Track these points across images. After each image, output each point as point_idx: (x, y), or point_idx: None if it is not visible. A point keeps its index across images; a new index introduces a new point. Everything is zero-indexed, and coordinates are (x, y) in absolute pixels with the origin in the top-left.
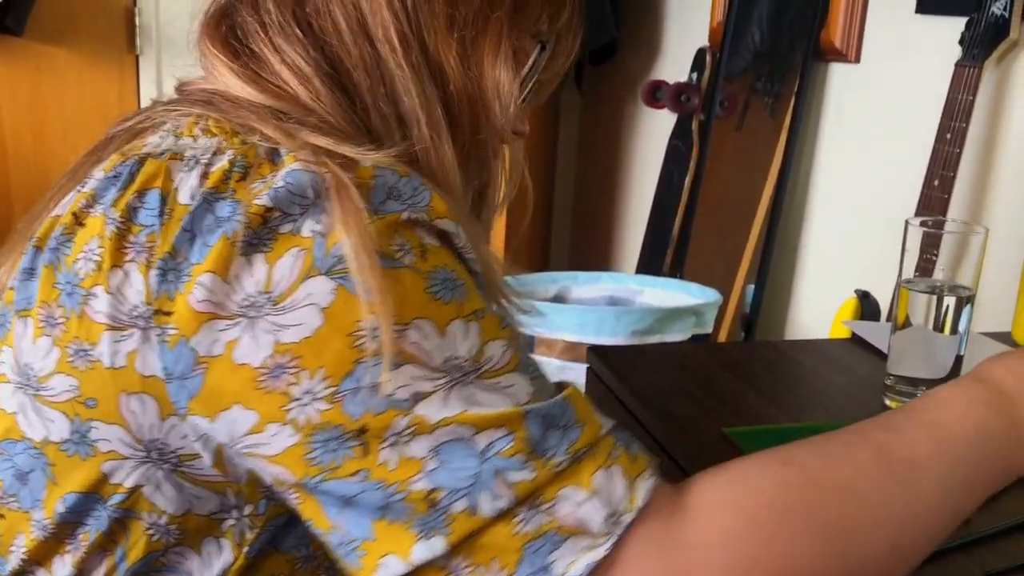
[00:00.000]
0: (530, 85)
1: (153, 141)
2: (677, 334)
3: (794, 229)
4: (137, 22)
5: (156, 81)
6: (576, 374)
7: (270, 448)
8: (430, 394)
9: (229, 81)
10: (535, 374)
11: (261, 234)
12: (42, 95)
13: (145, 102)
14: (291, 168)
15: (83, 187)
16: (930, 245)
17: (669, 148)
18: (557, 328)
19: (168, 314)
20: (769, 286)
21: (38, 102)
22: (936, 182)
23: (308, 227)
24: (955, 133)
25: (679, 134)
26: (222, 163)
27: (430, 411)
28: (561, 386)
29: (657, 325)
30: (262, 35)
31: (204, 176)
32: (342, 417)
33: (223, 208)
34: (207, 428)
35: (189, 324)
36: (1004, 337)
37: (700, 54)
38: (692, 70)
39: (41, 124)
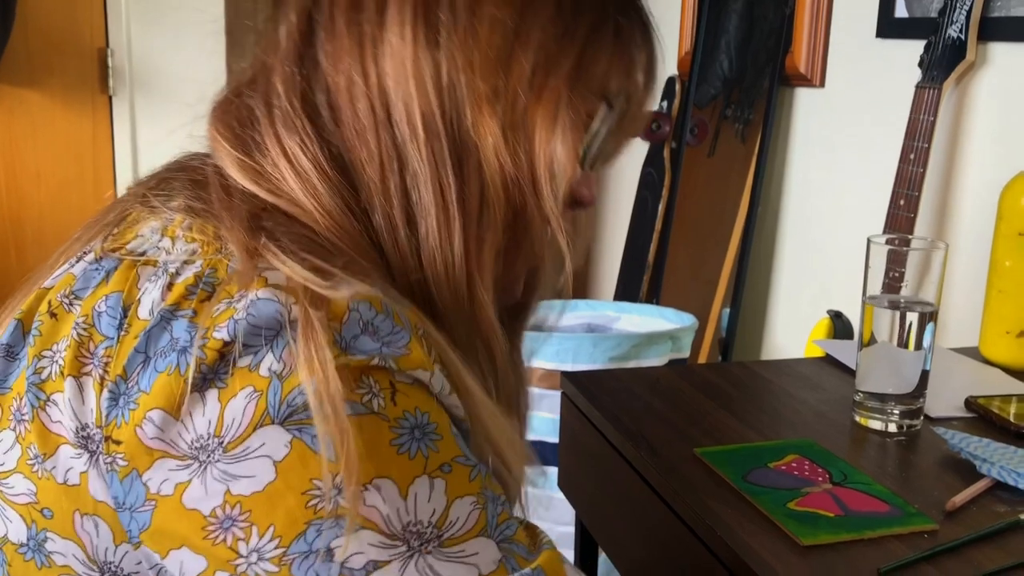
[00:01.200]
0: (595, 150)
1: (144, 233)
2: (654, 359)
3: (767, 252)
4: (110, 63)
5: (130, 121)
6: (553, 401)
7: None
8: (386, 564)
9: (229, 169)
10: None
11: (217, 369)
12: (15, 137)
13: (120, 143)
14: (257, 296)
15: (74, 264)
16: (895, 263)
17: (642, 176)
18: (535, 356)
19: (117, 443)
20: (744, 309)
21: (11, 145)
22: (902, 201)
23: (267, 364)
24: (918, 153)
25: (652, 162)
26: (187, 276)
27: None
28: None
29: (634, 351)
30: (266, 122)
31: (168, 288)
32: None
33: (179, 328)
34: (159, 562)
35: (140, 458)
36: (972, 352)
37: (670, 83)
38: (662, 99)
39: (14, 167)
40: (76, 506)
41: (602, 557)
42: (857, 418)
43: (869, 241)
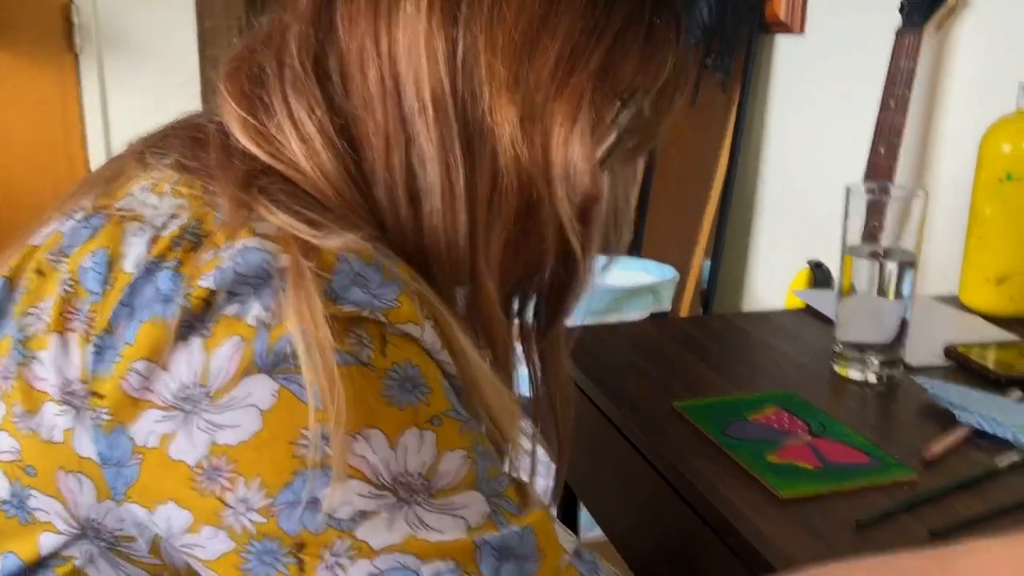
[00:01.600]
0: (614, 153)
1: (134, 191)
2: (635, 313)
3: (747, 202)
4: (75, 20)
5: (99, 80)
6: None
7: (205, 552)
8: (374, 515)
9: (233, 128)
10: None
11: (203, 318)
12: None
13: (89, 102)
14: (244, 245)
15: (63, 223)
16: (875, 212)
17: None
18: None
19: (102, 397)
20: (725, 260)
21: None
22: (882, 149)
23: (254, 313)
24: (898, 100)
25: None
26: (173, 228)
27: (372, 535)
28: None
29: (615, 304)
30: (276, 82)
31: (153, 241)
32: (278, 531)
33: (164, 279)
34: (144, 518)
35: (125, 411)
36: (952, 300)
37: None
38: None
39: None
40: (59, 463)
41: (584, 510)
42: (836, 368)
43: (848, 190)
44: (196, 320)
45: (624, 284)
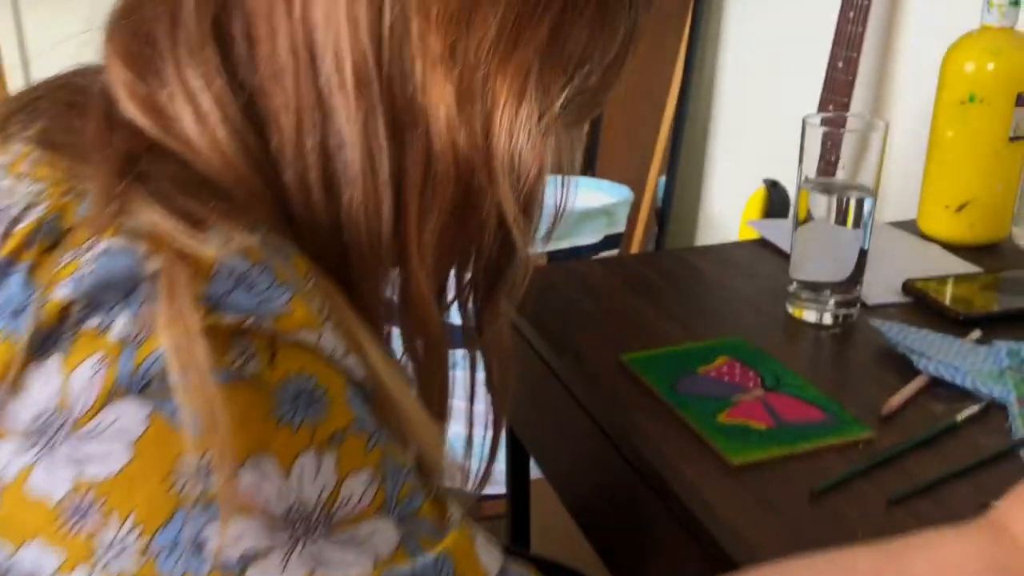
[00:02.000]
0: (560, 128)
1: None
2: (589, 236)
3: (704, 116)
4: None
5: (14, 21)
6: None
7: None
8: (265, 555)
9: (119, 93)
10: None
11: (59, 333)
12: None
13: (3, 36)
14: (108, 246)
15: None
16: (832, 143)
17: None
18: None
19: None
20: (680, 178)
21: None
22: (840, 63)
23: (119, 328)
24: (858, 10)
25: None
26: (29, 221)
27: None
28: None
29: (569, 228)
30: (168, 44)
31: (3, 238)
32: (158, 575)
33: (15, 285)
34: (11, 558)
35: None
36: (910, 226)
37: None
38: None
39: None
40: None
41: None
42: (791, 309)
43: (804, 122)
44: (52, 335)
45: (578, 206)
